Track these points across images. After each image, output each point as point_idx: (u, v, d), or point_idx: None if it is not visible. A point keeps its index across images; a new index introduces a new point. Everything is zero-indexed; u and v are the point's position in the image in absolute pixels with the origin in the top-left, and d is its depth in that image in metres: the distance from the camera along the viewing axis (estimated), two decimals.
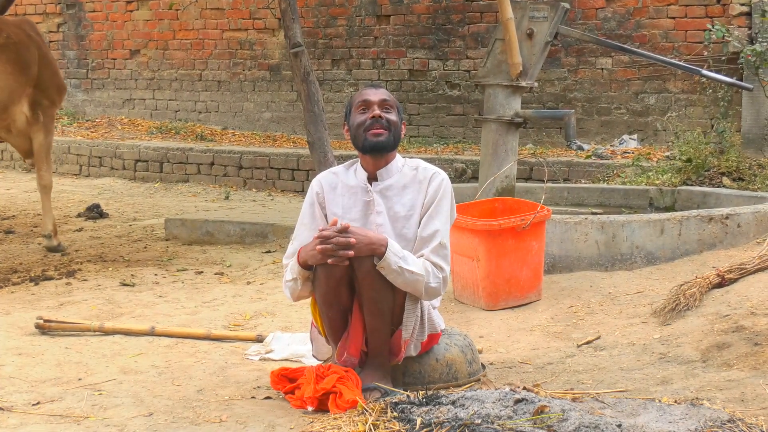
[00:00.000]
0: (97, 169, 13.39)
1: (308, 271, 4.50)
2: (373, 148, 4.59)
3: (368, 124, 4.57)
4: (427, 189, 4.61)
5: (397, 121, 4.64)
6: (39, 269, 7.61)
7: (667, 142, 10.85)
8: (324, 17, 13.49)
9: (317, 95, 7.72)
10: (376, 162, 4.64)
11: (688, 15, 11.13)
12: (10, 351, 5.36)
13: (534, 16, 7.71)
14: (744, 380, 4.55)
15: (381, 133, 4.57)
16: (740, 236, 6.89)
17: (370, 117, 4.58)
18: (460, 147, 12.09)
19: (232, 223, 8.83)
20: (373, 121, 4.57)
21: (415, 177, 4.65)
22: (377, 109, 4.60)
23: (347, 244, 4.31)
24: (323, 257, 4.35)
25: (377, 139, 4.57)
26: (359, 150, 4.64)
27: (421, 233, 4.57)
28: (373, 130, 4.57)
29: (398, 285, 4.42)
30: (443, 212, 4.61)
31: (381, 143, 4.58)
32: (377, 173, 4.65)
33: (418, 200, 4.62)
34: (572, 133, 7.54)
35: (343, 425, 3.92)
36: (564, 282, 6.58)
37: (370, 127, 4.57)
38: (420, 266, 4.45)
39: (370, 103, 4.62)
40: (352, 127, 4.65)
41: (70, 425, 4.20)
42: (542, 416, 3.60)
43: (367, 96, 4.64)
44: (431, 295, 4.54)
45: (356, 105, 4.65)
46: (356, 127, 4.62)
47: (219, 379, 4.91)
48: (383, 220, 4.60)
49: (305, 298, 4.68)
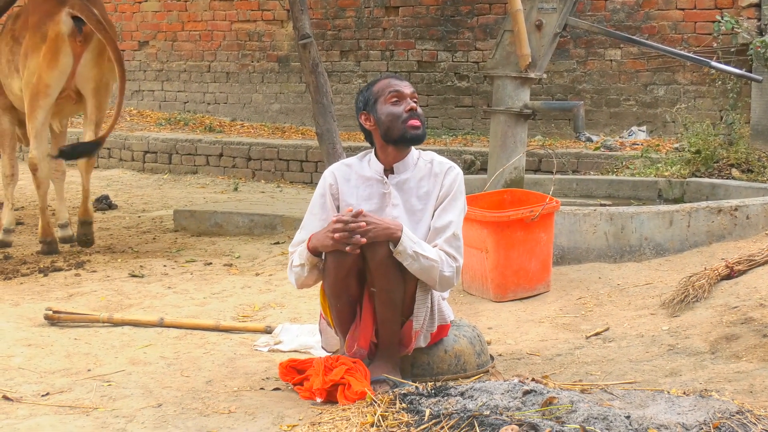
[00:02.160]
0: (106, 161, 13.40)
1: (317, 257, 4.51)
2: (412, 140, 4.62)
3: (405, 116, 4.59)
4: (443, 182, 4.63)
5: (422, 114, 4.69)
6: (48, 260, 7.63)
7: (676, 134, 10.83)
8: (333, 8, 13.48)
9: (326, 87, 7.72)
10: (396, 154, 4.65)
11: (698, 6, 11.09)
12: (19, 342, 5.37)
13: (543, 8, 7.69)
14: (753, 372, 4.54)
15: (419, 126, 4.61)
16: (749, 228, 6.87)
17: (408, 110, 4.60)
18: (468, 138, 12.08)
19: (240, 215, 8.84)
20: (411, 114, 4.60)
21: (431, 170, 4.65)
22: (411, 102, 4.63)
23: (363, 228, 4.32)
24: (336, 244, 4.36)
25: (416, 132, 4.60)
26: (391, 141, 4.64)
27: (434, 224, 4.59)
28: (412, 122, 4.59)
29: (413, 271, 4.42)
30: (458, 206, 4.62)
31: (419, 136, 4.61)
32: (394, 166, 4.66)
33: (433, 193, 4.63)
34: (581, 124, 7.53)
35: (351, 416, 3.93)
36: (573, 273, 6.58)
37: (408, 119, 4.59)
38: (434, 253, 4.46)
39: (403, 95, 4.63)
40: (383, 118, 4.63)
41: (79, 416, 4.21)
42: (551, 408, 3.60)
43: (399, 87, 4.65)
44: (444, 285, 4.54)
45: (387, 95, 4.64)
46: (391, 118, 4.61)
47: (228, 371, 4.92)
48: (399, 213, 4.61)
49: (309, 287, 4.70)
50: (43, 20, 7.69)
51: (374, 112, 4.66)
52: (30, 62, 7.71)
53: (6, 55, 8.02)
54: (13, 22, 8.08)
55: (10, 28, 8.07)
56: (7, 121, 8.34)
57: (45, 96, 7.74)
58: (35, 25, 7.71)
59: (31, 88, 7.70)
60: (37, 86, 7.69)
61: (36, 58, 7.67)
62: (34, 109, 7.75)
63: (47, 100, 7.77)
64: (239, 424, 4.09)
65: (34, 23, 7.72)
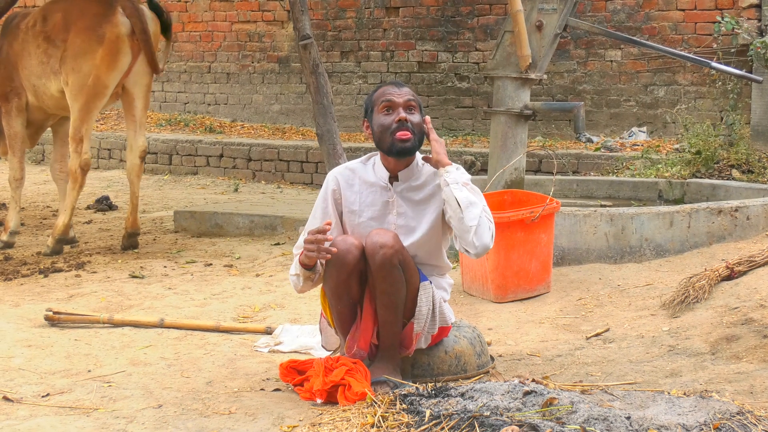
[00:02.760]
0: (106, 162, 13.40)
1: (309, 271, 4.54)
2: (400, 152, 4.56)
3: (394, 128, 4.54)
4: None
5: (420, 122, 4.59)
6: (48, 261, 7.63)
7: (676, 135, 10.83)
8: (333, 9, 13.48)
9: (326, 87, 7.71)
10: (398, 163, 4.63)
11: (698, 7, 11.09)
12: (19, 343, 5.37)
13: (543, 8, 7.69)
14: (753, 372, 4.54)
15: (408, 138, 4.53)
16: (749, 229, 6.87)
17: (396, 120, 4.54)
18: (469, 139, 12.07)
19: (241, 216, 8.84)
20: (399, 125, 4.54)
21: (436, 176, 4.63)
22: (402, 112, 4.56)
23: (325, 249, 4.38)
24: (312, 260, 4.46)
25: (404, 145, 4.54)
26: (384, 152, 4.62)
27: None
28: (399, 134, 4.53)
29: (452, 208, 4.43)
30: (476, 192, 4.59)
31: (407, 148, 4.56)
32: (399, 174, 4.65)
33: (437, 201, 4.61)
34: (581, 125, 7.52)
35: (352, 417, 3.93)
36: (573, 274, 6.58)
37: (396, 131, 4.54)
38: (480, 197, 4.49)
39: (395, 105, 4.57)
40: (375, 128, 4.61)
41: (79, 417, 4.21)
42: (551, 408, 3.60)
43: (391, 96, 4.59)
44: (481, 237, 4.43)
45: (380, 105, 4.60)
46: (381, 129, 4.57)
47: (228, 371, 4.92)
48: (403, 221, 4.60)
49: (307, 292, 4.75)
50: (97, 22, 7.73)
51: (371, 120, 4.65)
52: (82, 64, 7.71)
53: (38, 57, 7.96)
54: (42, 23, 7.96)
55: (40, 30, 7.96)
56: (19, 124, 8.32)
57: (102, 97, 7.83)
58: (87, 27, 7.73)
59: (87, 90, 7.73)
60: (95, 88, 7.73)
61: (91, 60, 7.70)
62: (90, 110, 7.82)
63: (103, 101, 7.88)
64: (239, 425, 4.09)
65: (84, 26, 7.74)
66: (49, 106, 8.15)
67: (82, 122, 7.80)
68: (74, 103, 7.80)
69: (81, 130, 7.81)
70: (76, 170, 7.86)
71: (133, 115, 8.13)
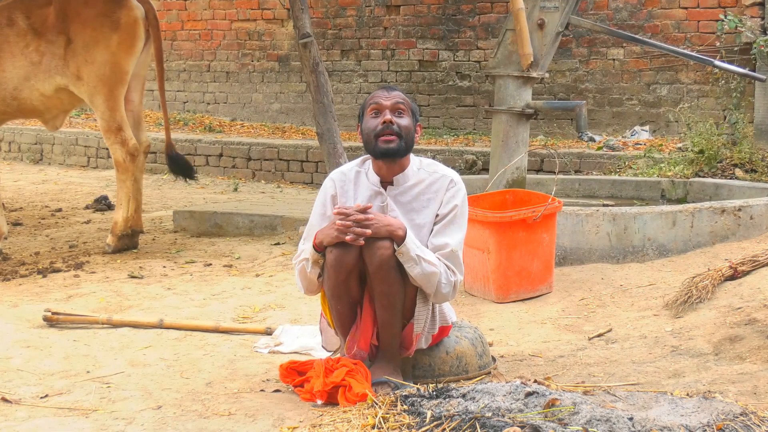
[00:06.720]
0: (105, 161, 13.38)
1: (319, 254, 4.46)
2: (384, 154, 4.53)
3: (379, 130, 4.51)
4: (443, 198, 4.57)
5: (409, 125, 4.56)
6: (47, 261, 7.60)
7: (679, 134, 10.82)
8: (333, 7, 13.46)
9: (326, 86, 7.70)
10: (389, 167, 4.59)
11: (701, 5, 11.08)
12: (18, 344, 5.35)
13: (545, 6, 7.66)
14: (757, 373, 4.53)
15: (392, 140, 4.50)
16: (753, 228, 6.85)
17: (381, 123, 4.51)
18: (470, 138, 12.06)
19: (240, 215, 8.81)
20: (384, 127, 4.50)
21: (432, 185, 4.59)
22: (389, 114, 4.53)
23: (365, 220, 4.28)
24: (340, 234, 4.32)
25: (387, 147, 4.51)
26: (371, 155, 4.60)
27: (433, 240, 4.53)
28: (384, 137, 4.50)
29: (414, 275, 4.38)
30: (459, 224, 4.57)
31: (391, 150, 4.52)
32: (393, 179, 4.61)
33: (432, 207, 4.58)
34: (583, 124, 7.50)
35: (352, 418, 3.91)
36: (575, 274, 6.56)
37: (380, 134, 4.51)
38: (436, 260, 4.41)
39: (382, 108, 4.55)
40: (363, 131, 4.59)
41: (78, 418, 4.19)
42: (553, 409, 3.58)
43: (379, 99, 4.56)
44: (440, 297, 4.50)
45: (368, 108, 4.58)
46: (368, 132, 4.55)
47: (228, 372, 4.90)
48: None
49: (314, 293, 4.66)
50: (109, 8, 7.65)
51: (361, 123, 4.63)
52: (96, 54, 7.61)
53: (28, 57, 7.63)
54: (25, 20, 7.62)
55: (24, 28, 7.61)
56: None
57: (123, 83, 7.74)
58: (97, 15, 7.62)
59: (106, 80, 7.63)
60: (115, 75, 7.66)
61: (107, 48, 7.61)
62: (116, 98, 7.71)
63: (125, 87, 7.78)
64: (239, 426, 4.07)
65: (93, 14, 7.62)
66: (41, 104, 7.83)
67: (113, 111, 7.69)
68: (96, 96, 7.66)
69: (115, 120, 7.71)
70: (123, 160, 7.77)
71: (131, 111, 8.03)
